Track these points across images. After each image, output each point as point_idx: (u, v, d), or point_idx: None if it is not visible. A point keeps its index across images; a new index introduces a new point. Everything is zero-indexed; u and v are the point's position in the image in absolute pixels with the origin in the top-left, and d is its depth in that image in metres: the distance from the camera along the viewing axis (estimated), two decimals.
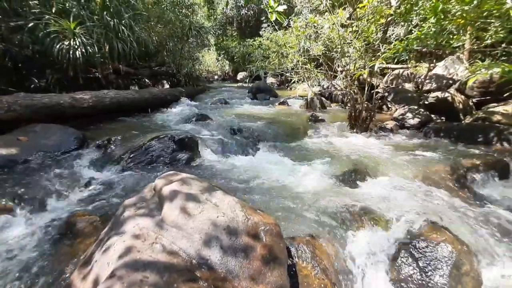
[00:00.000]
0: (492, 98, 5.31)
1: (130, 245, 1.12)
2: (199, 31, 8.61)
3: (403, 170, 3.16)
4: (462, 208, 2.45)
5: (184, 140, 3.03)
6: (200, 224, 1.23)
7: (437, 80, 6.94)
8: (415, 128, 5.34)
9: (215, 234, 1.22)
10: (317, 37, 8.28)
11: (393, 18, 5.95)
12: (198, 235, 1.21)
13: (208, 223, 1.23)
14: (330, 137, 4.46)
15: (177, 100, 6.54)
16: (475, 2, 3.43)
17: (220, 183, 2.46)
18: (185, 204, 1.28)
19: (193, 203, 1.28)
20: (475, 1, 3.43)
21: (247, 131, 4.10)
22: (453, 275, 1.64)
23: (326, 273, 1.57)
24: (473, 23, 4.57)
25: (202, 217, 1.25)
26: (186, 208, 1.26)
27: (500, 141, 4.28)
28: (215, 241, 1.21)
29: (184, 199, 1.29)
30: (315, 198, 2.36)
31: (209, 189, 1.40)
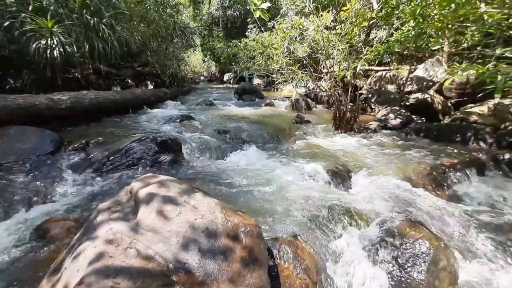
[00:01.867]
0: (469, 99, 5.52)
1: (102, 251, 1.07)
2: (184, 31, 8.51)
3: (384, 169, 3.23)
4: (440, 206, 2.52)
5: (166, 141, 2.97)
6: (177, 227, 1.20)
7: (417, 82, 7.15)
8: (397, 128, 5.47)
9: (193, 237, 1.19)
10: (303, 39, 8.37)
11: (375, 21, 6.10)
12: (175, 239, 1.17)
13: (186, 226, 1.20)
14: (315, 138, 4.50)
15: (162, 101, 6.43)
16: (453, 6, 3.56)
17: (203, 185, 2.43)
18: (162, 207, 1.24)
19: (171, 206, 1.25)
20: (452, 5, 3.56)
21: (232, 132, 4.08)
22: (430, 270, 1.68)
23: (307, 273, 1.57)
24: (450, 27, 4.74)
25: (180, 220, 1.21)
26: (163, 211, 1.23)
27: (476, 140, 4.45)
28: (193, 244, 1.18)
29: (161, 202, 1.26)
30: (299, 198, 2.37)
31: (188, 191, 1.37)
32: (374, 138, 4.75)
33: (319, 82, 6.96)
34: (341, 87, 5.99)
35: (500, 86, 2.32)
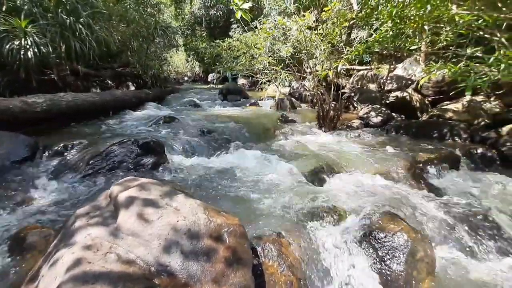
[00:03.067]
0: (445, 97, 5.76)
1: (80, 257, 1.05)
2: (165, 31, 8.36)
3: (366, 165, 3.32)
4: (418, 199, 2.62)
5: (149, 143, 2.92)
6: (159, 230, 1.19)
7: (397, 80, 7.38)
8: (378, 126, 5.64)
9: (176, 239, 1.18)
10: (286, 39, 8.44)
11: (355, 22, 6.25)
12: (157, 242, 1.16)
13: (168, 229, 1.20)
14: (299, 137, 4.56)
15: (143, 103, 6.29)
16: (428, 7, 3.70)
17: (187, 186, 2.41)
18: (143, 210, 1.22)
19: (152, 209, 1.24)
20: (428, 7, 3.70)
21: (217, 132, 4.06)
22: (409, 262, 1.75)
23: (292, 270, 1.59)
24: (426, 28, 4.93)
25: (161, 223, 1.20)
26: (144, 214, 1.21)
27: (452, 136, 4.66)
28: (176, 247, 1.17)
29: (141, 205, 1.24)
30: (283, 197, 2.40)
31: (170, 193, 1.36)
32: (356, 136, 4.87)
33: (303, 81, 7.05)
34: (324, 87, 6.09)
35: (470, 84, 2.44)
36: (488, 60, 2.56)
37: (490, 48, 4.16)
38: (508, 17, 3.32)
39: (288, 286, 1.53)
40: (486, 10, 3.32)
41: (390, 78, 7.43)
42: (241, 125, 4.61)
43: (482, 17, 3.54)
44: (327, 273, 1.74)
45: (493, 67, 2.65)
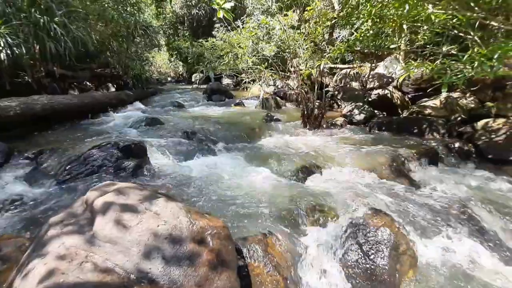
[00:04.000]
0: (424, 94, 5.95)
1: (53, 268, 0.99)
2: (146, 30, 8.15)
3: (350, 162, 3.37)
4: (400, 193, 2.69)
5: (130, 146, 2.83)
6: (138, 235, 1.14)
7: (378, 78, 7.54)
8: (361, 123, 5.74)
9: (156, 245, 1.14)
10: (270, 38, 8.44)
11: (337, 21, 6.35)
12: (136, 248, 1.12)
13: (148, 234, 1.15)
14: (284, 136, 4.58)
15: (125, 104, 6.11)
16: (406, 7, 3.80)
17: (170, 189, 2.35)
18: (121, 216, 1.18)
19: (130, 214, 1.19)
20: (406, 6, 3.79)
21: (201, 133, 4.01)
22: (392, 255, 1.78)
23: (278, 269, 1.59)
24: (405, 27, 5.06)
25: (141, 228, 1.16)
26: (122, 220, 1.17)
27: (431, 131, 4.82)
28: (156, 252, 1.13)
29: (119, 211, 1.19)
30: (268, 197, 2.39)
31: (150, 197, 1.31)
32: (340, 133, 4.95)
33: (287, 80, 7.09)
34: (309, 85, 6.15)
35: (446, 81, 2.52)
36: (462, 57, 2.66)
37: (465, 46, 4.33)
38: (481, 16, 3.46)
39: (275, 285, 1.52)
40: (460, 10, 3.45)
41: (372, 77, 7.59)
42: (225, 125, 4.58)
43: (456, 16, 3.68)
44: (313, 271, 1.75)
45: (467, 65, 2.75)
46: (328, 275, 1.76)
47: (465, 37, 4.31)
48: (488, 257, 2.08)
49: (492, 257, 2.05)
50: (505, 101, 4.47)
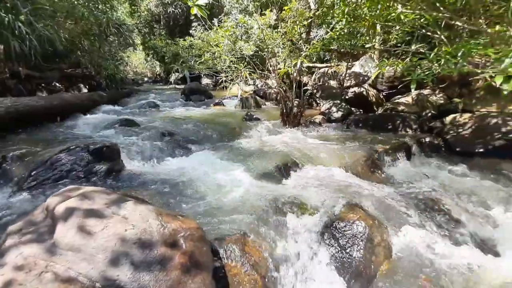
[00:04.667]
0: (397, 91, 6.17)
1: (10, 279, 0.92)
2: (119, 29, 7.85)
3: (328, 159, 3.43)
4: (375, 187, 2.77)
5: (101, 149, 2.71)
6: (104, 241, 1.08)
7: (355, 77, 7.75)
8: (339, 120, 5.87)
9: (124, 250, 1.09)
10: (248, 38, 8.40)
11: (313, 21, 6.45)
12: (102, 255, 1.06)
13: (115, 239, 1.10)
14: (264, 135, 4.58)
15: (98, 106, 5.85)
16: (379, 7, 3.91)
17: (144, 193, 2.27)
18: (84, 222, 1.11)
19: (95, 219, 1.13)
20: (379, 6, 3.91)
21: (179, 134, 3.91)
22: (367, 247, 1.83)
23: (256, 268, 1.57)
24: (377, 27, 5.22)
25: (107, 234, 1.10)
26: (85, 226, 1.10)
27: (404, 127, 5.01)
28: (124, 258, 1.08)
29: (83, 217, 1.12)
30: (247, 196, 2.37)
31: (118, 201, 1.25)
32: (319, 131, 5.02)
33: (266, 80, 7.11)
34: (288, 84, 6.20)
35: (415, 78, 2.62)
36: (429, 55, 2.78)
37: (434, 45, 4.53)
38: (446, 16, 3.63)
39: (253, 285, 1.51)
40: (427, 10, 3.60)
41: (349, 75, 7.79)
42: (204, 125, 4.51)
43: (424, 16, 3.84)
44: (292, 267, 1.75)
45: (435, 62, 2.88)
46: (306, 270, 1.77)
47: (433, 36, 4.52)
48: (456, 245, 2.18)
49: (460, 246, 2.14)
50: (470, 97, 4.73)
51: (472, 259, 1.99)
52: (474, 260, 1.97)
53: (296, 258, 1.81)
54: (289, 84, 6.28)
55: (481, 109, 4.41)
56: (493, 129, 3.81)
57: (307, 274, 1.76)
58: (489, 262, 1.97)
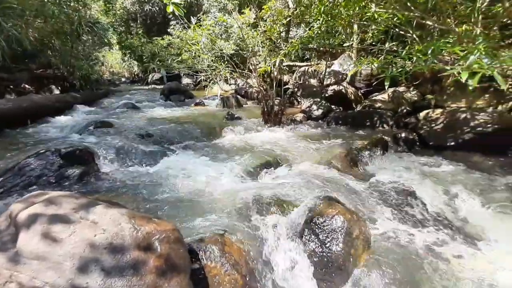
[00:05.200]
0: (374, 89, 6.37)
1: None
2: (93, 27, 7.53)
3: (309, 156, 3.47)
4: (354, 182, 2.83)
5: (74, 152, 2.59)
6: (71, 248, 1.03)
7: (334, 75, 7.91)
8: (320, 118, 5.97)
9: (94, 256, 1.04)
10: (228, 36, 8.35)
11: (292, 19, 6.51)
12: (70, 262, 1.01)
13: (83, 245, 1.05)
14: (245, 134, 4.57)
15: (71, 107, 5.59)
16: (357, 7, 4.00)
17: (120, 196, 2.19)
18: (50, 228, 1.05)
19: (61, 225, 1.07)
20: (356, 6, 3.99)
21: (158, 135, 3.82)
22: (346, 241, 1.86)
23: (236, 268, 1.56)
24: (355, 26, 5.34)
25: (74, 240, 1.05)
26: (51, 232, 1.04)
27: (381, 123, 5.18)
28: (94, 264, 1.03)
29: (48, 223, 1.06)
30: (228, 195, 2.35)
31: (87, 205, 1.19)
32: (300, 129, 5.08)
33: (247, 79, 7.09)
34: (268, 83, 6.22)
35: (389, 75, 2.71)
36: (401, 53, 2.87)
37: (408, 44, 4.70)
38: (417, 16, 3.77)
39: (233, 284, 1.49)
40: (400, 9, 3.73)
41: (328, 74, 7.93)
42: (185, 126, 4.43)
43: (397, 15, 3.97)
44: (272, 265, 1.75)
45: (407, 60, 2.98)
46: (288, 267, 1.78)
47: (406, 35, 4.69)
48: (432, 235, 2.26)
49: (436, 235, 2.23)
50: (441, 93, 4.96)
51: (447, 246, 2.07)
52: (448, 247, 2.06)
53: (277, 255, 1.81)
54: (270, 83, 6.31)
55: (452, 105, 4.64)
56: (463, 123, 4.01)
57: (288, 271, 1.77)
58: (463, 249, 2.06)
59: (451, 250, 2.06)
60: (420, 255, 2.02)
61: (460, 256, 2.02)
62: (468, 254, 2.03)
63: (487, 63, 2.19)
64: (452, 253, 2.03)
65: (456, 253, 2.03)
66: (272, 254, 1.81)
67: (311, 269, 1.82)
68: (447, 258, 2.00)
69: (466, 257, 2.01)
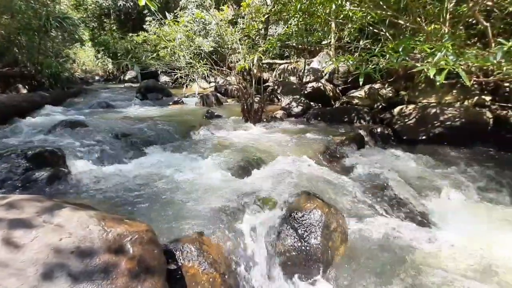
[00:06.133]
0: (352, 86, 6.54)
1: None
2: (62, 23, 7.12)
3: (288, 152, 3.50)
4: (332, 177, 2.89)
5: (42, 154, 2.45)
6: (34, 253, 0.97)
7: (313, 73, 8.02)
8: (299, 115, 6.04)
9: (59, 261, 0.99)
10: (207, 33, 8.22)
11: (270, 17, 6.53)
12: (33, 269, 0.95)
13: (47, 250, 0.99)
14: (225, 131, 4.53)
15: (40, 107, 5.28)
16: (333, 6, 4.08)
17: (92, 198, 2.10)
18: (10, 234, 0.98)
19: (23, 230, 1.00)
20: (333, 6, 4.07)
21: (134, 135, 3.69)
22: (324, 234, 1.90)
23: (214, 266, 1.54)
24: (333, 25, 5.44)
25: (37, 245, 0.99)
26: (11, 238, 0.97)
27: (358, 119, 5.32)
28: (60, 270, 0.98)
29: (8, 228, 0.99)
30: (206, 193, 2.32)
31: (51, 208, 1.13)
32: (280, 126, 5.11)
33: (227, 77, 7.03)
34: (248, 81, 6.21)
35: (363, 72, 2.79)
36: (374, 51, 2.97)
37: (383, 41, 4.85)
38: (389, 15, 3.90)
39: (211, 283, 1.48)
40: (373, 8, 3.85)
41: (308, 71, 8.04)
42: (162, 124, 4.32)
43: (370, 14, 4.09)
44: (252, 262, 1.75)
45: (381, 57, 3.08)
46: (267, 262, 1.79)
47: (379, 33, 4.83)
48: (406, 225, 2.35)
49: (409, 225, 2.32)
50: (414, 89, 5.18)
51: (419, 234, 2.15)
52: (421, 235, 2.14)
53: (257, 252, 1.81)
54: (250, 81, 6.31)
55: (423, 100, 4.86)
56: (433, 118, 4.22)
57: (268, 267, 1.78)
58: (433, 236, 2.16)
59: (423, 238, 2.15)
60: (395, 245, 2.09)
61: (431, 242, 2.11)
62: (441, 241, 2.12)
63: (452, 60, 2.31)
64: (424, 241, 2.12)
65: (427, 240, 2.12)
66: (252, 251, 1.80)
67: (290, 262, 1.84)
68: (419, 246, 2.08)
69: (437, 244, 2.10)
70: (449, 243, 2.08)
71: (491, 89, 4.42)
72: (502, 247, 1.92)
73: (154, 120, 4.56)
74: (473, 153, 3.78)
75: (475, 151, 3.83)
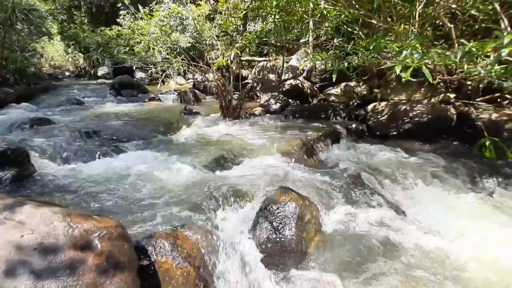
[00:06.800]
0: (329, 83, 6.69)
1: None
2: (28, 15, 6.67)
3: (266, 148, 3.54)
4: (308, 171, 2.96)
5: (5, 153, 2.31)
6: None
7: (292, 70, 8.12)
8: (278, 112, 6.09)
9: (21, 258, 0.95)
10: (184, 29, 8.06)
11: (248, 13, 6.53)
12: None
13: (8, 247, 0.95)
14: (203, 128, 4.49)
15: (4, 104, 4.94)
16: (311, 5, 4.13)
17: (60, 197, 2.02)
18: None
19: None
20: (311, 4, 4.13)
21: (105, 133, 3.57)
22: (298, 225, 1.95)
23: (188, 260, 1.54)
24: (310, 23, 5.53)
25: None
26: None
27: (334, 115, 5.46)
28: (22, 267, 0.94)
29: None
30: (183, 190, 2.30)
31: (13, 206, 1.08)
32: (258, 123, 5.14)
33: (206, 73, 6.95)
34: (227, 77, 6.18)
35: (336, 69, 2.88)
36: (347, 49, 3.07)
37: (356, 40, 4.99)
38: (362, 14, 4.04)
39: (185, 277, 1.48)
40: (347, 7, 3.96)
41: (286, 68, 8.12)
42: (137, 122, 4.21)
43: (344, 13, 4.20)
44: (227, 254, 1.77)
45: (354, 55, 3.19)
46: (243, 255, 1.81)
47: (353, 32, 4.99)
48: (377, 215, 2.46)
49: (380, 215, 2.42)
50: (386, 87, 5.41)
51: (391, 223, 2.27)
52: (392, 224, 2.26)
53: (232, 244, 1.83)
54: (229, 78, 6.28)
55: (394, 98, 5.08)
56: (403, 114, 4.43)
57: (243, 259, 1.80)
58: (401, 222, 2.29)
59: (394, 226, 2.27)
60: (367, 234, 2.19)
61: (400, 229, 2.23)
62: (409, 227, 2.25)
63: (417, 58, 2.45)
64: (394, 228, 2.24)
65: (397, 228, 2.24)
66: (228, 244, 1.82)
67: (266, 255, 1.88)
68: (390, 233, 2.19)
69: (406, 230, 2.22)
70: (417, 229, 2.22)
71: (455, 87, 4.71)
72: (462, 232, 2.08)
73: (129, 118, 4.44)
74: (439, 146, 4.02)
75: (441, 145, 4.08)
